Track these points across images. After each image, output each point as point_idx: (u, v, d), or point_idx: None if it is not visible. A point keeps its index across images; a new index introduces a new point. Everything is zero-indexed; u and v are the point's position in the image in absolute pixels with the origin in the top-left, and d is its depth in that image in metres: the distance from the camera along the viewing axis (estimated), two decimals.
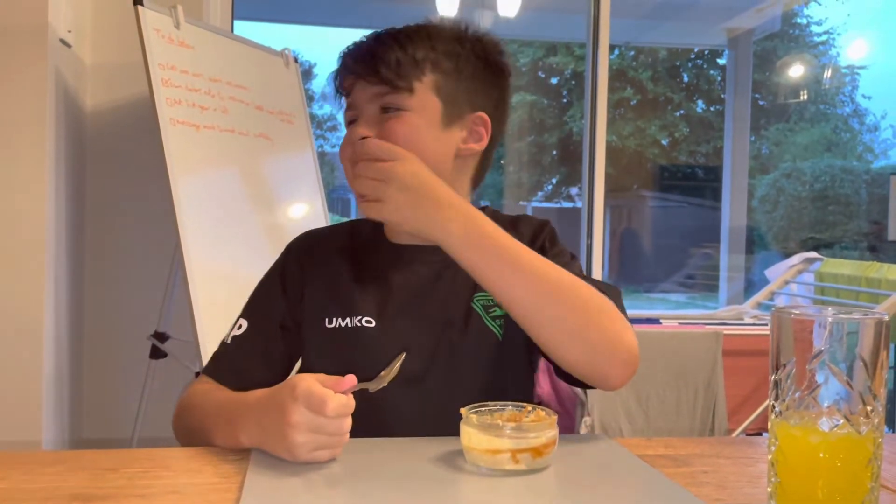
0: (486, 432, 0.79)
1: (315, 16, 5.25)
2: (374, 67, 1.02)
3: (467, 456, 0.81)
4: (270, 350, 1.07)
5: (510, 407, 0.85)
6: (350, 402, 0.80)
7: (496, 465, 0.79)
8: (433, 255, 1.05)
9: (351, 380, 0.81)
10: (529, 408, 0.84)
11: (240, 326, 1.08)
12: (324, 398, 0.78)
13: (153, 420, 2.33)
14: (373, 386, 0.85)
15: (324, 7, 5.08)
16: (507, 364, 1.05)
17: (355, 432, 0.84)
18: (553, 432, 0.80)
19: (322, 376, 0.82)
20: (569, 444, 0.88)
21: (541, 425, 0.80)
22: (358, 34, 1.08)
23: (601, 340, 0.90)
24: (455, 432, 0.82)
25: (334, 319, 1.04)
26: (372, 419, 0.95)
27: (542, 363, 1.24)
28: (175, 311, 2.28)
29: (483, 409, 0.83)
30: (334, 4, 4.97)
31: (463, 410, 0.82)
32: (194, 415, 1.00)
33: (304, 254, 1.11)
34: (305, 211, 2.55)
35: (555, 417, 0.81)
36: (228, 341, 1.08)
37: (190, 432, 1.00)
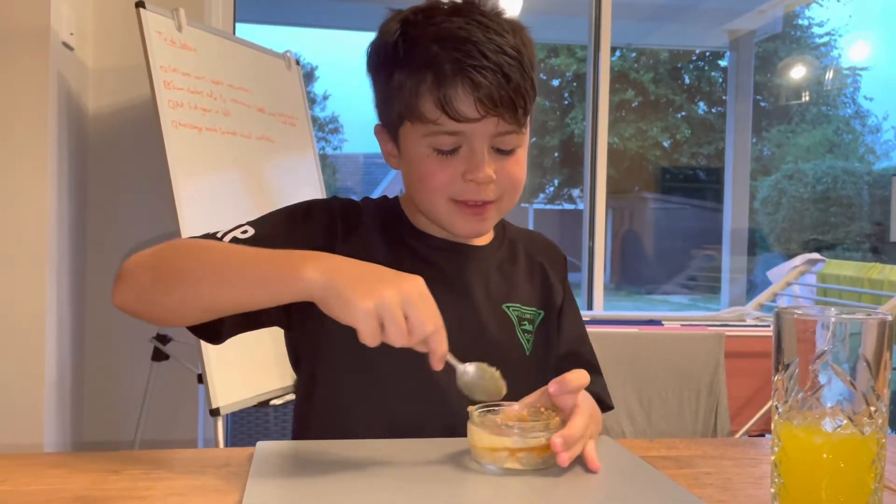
0: (490, 431, 0.79)
1: (317, 18, 5.26)
2: (514, 106, 0.91)
3: (473, 453, 0.81)
4: None
5: (517, 406, 0.85)
6: (443, 341, 0.77)
7: (498, 462, 0.79)
8: (467, 253, 1.04)
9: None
10: (542, 408, 0.84)
11: (244, 231, 0.95)
12: (436, 311, 0.76)
13: (155, 422, 2.33)
14: (464, 366, 0.82)
15: (325, 10, 5.09)
16: (530, 380, 1.04)
17: (364, 423, 0.87)
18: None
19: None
20: None
21: (545, 426, 0.80)
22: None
23: None
24: (464, 429, 0.82)
25: None
26: (384, 405, 0.95)
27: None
28: None
29: (491, 408, 0.83)
30: (336, 7, 4.98)
31: (470, 409, 0.82)
32: (191, 254, 0.86)
33: (341, 220, 1.00)
34: None
35: (559, 418, 0.81)
36: (223, 239, 0.94)
37: (169, 272, 0.85)
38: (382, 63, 0.97)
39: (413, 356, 0.79)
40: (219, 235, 0.94)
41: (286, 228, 0.98)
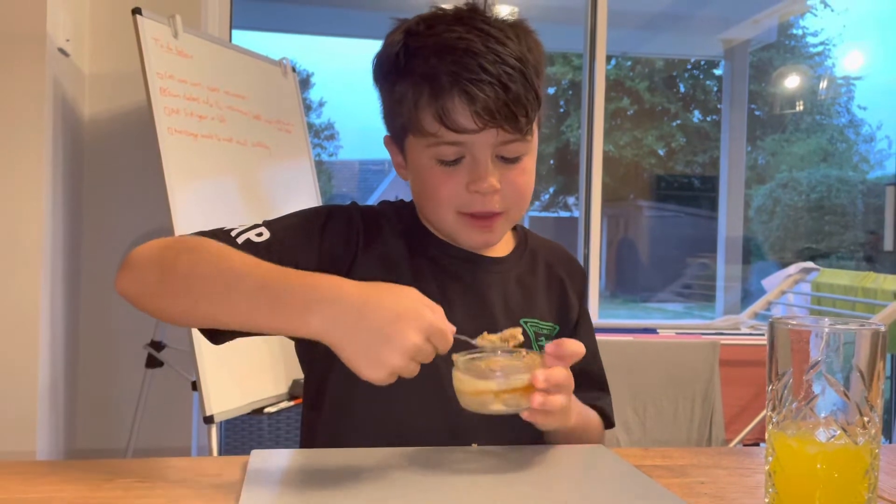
0: (475, 376, 0.80)
1: (313, 25, 5.26)
2: (514, 117, 0.90)
3: (459, 400, 0.82)
4: None
5: (499, 353, 0.84)
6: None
7: (484, 406, 0.80)
8: (488, 265, 1.04)
9: (452, 329, 0.79)
10: (524, 352, 0.84)
11: (260, 234, 0.92)
12: (445, 332, 0.77)
13: (149, 430, 2.32)
14: (476, 342, 0.84)
15: (322, 17, 5.09)
16: None
17: (372, 430, 0.87)
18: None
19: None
20: (566, 455, 0.88)
21: (528, 367, 0.81)
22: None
23: None
24: (469, 433, 0.83)
25: None
26: (395, 412, 0.94)
27: None
28: None
29: (476, 356, 0.84)
30: (332, 14, 4.98)
31: (455, 356, 0.82)
32: (200, 264, 0.82)
33: (363, 228, 0.99)
34: None
35: (542, 359, 0.82)
36: (237, 239, 0.91)
37: (176, 279, 0.82)
38: (385, 75, 0.98)
39: (426, 365, 0.80)
40: (233, 234, 0.92)
41: (304, 236, 0.96)
